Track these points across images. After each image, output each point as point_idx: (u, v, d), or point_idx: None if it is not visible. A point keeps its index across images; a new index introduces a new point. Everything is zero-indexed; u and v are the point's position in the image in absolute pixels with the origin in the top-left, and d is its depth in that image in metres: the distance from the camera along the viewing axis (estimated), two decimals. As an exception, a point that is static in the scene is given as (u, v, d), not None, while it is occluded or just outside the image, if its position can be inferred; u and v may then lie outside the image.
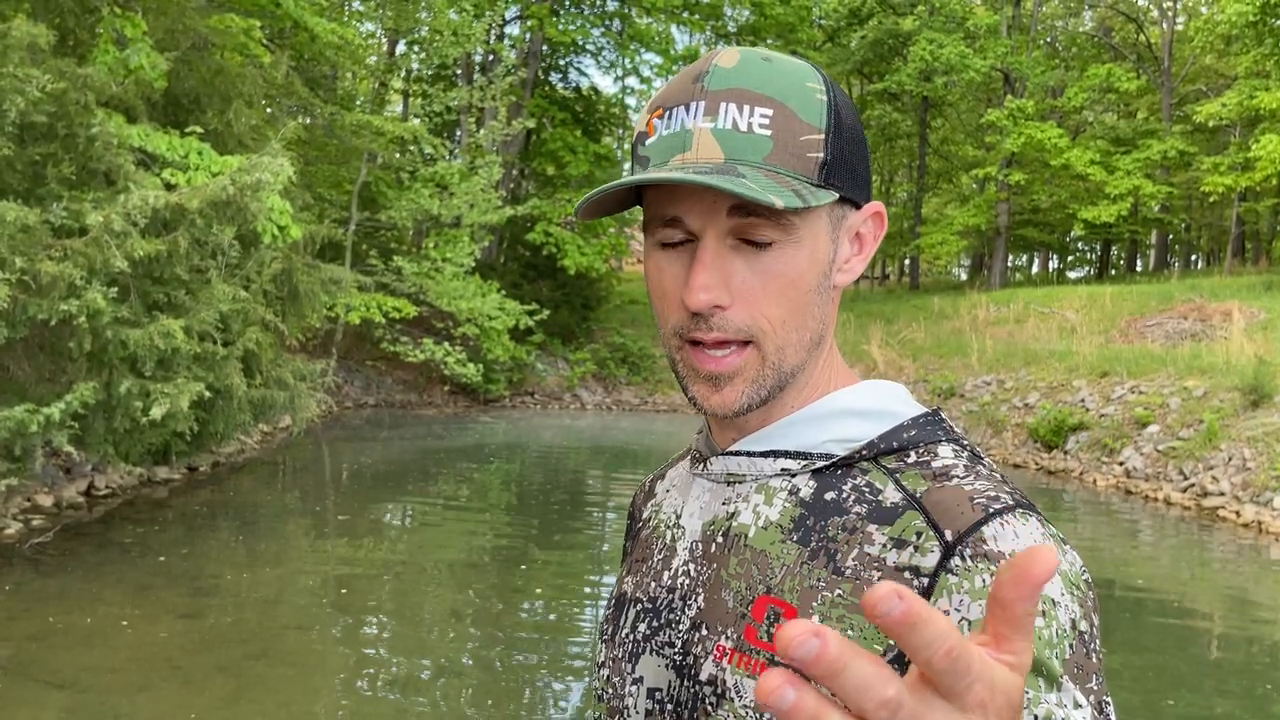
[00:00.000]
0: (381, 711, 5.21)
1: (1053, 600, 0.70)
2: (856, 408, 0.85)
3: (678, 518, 0.93)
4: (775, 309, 0.81)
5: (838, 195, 0.81)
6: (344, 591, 7.38)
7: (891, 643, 0.72)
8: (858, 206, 0.86)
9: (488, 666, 6.03)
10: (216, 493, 10.75)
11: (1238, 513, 10.89)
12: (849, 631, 0.74)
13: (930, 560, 0.73)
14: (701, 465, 0.92)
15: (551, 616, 7.08)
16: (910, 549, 0.75)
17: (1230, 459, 11.72)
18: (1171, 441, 12.83)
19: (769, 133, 0.78)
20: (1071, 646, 0.69)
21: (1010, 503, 0.75)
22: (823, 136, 0.80)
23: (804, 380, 0.87)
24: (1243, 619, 7.87)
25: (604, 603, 7.60)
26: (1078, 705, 0.67)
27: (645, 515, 1.02)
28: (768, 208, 0.77)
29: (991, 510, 0.74)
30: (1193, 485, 11.85)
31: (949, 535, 0.73)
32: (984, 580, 0.70)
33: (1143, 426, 13.58)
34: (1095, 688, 0.69)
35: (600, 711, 0.94)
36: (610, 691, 0.92)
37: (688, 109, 0.80)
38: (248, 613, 6.57)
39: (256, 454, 13.56)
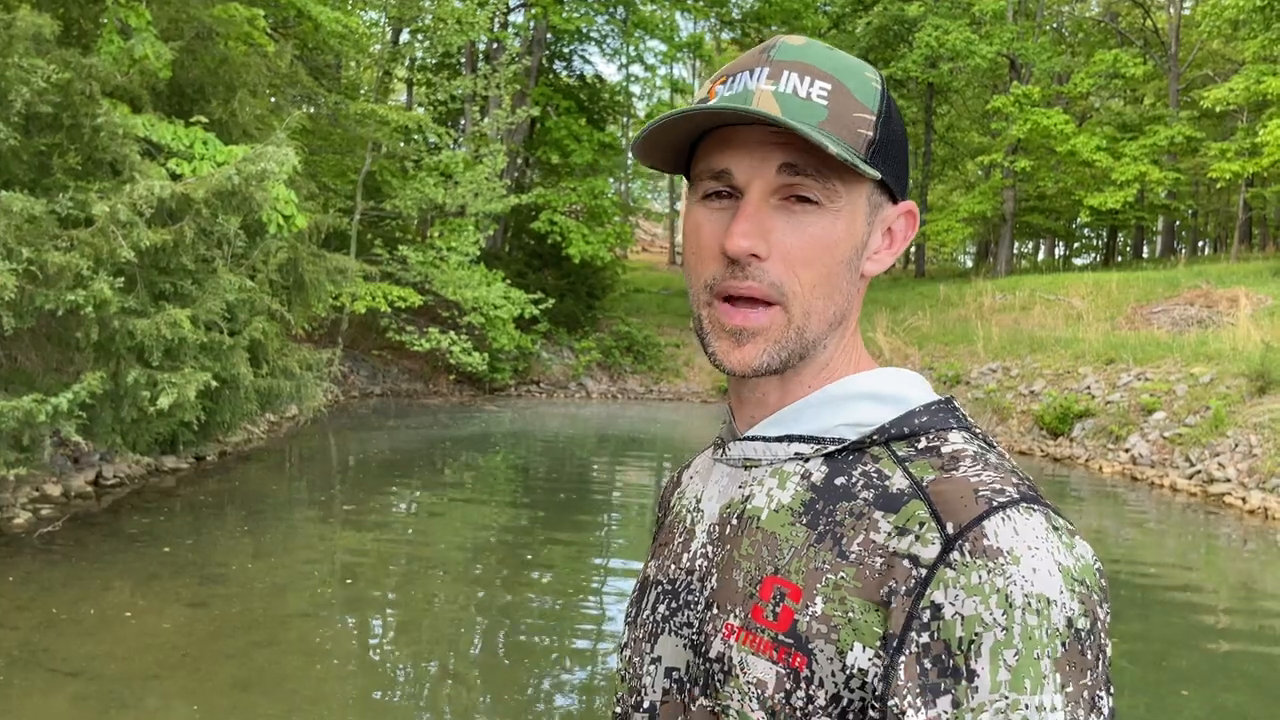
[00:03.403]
0: (389, 698, 5.24)
1: (1048, 599, 0.70)
2: (871, 391, 0.87)
3: (698, 502, 0.96)
4: (808, 271, 0.83)
5: (880, 176, 0.83)
6: (350, 580, 7.41)
7: (892, 630, 0.73)
8: (894, 201, 0.89)
9: (494, 653, 6.06)
10: (224, 482, 10.79)
11: (1244, 499, 10.88)
12: (850, 614, 0.75)
13: (930, 552, 0.74)
14: (721, 451, 0.94)
15: (557, 603, 7.10)
16: (911, 537, 0.75)
17: (1237, 445, 11.70)
18: (1178, 428, 12.81)
19: (825, 103, 0.81)
20: (1065, 645, 0.70)
21: (1015, 496, 0.75)
22: (874, 118, 0.83)
23: (824, 360, 0.88)
24: (1250, 604, 7.87)
25: (610, 590, 7.63)
26: (1053, 708, 0.68)
27: (671, 504, 1.05)
28: (817, 163, 0.80)
29: (995, 504, 0.74)
30: (1199, 472, 11.84)
31: (950, 528, 0.74)
32: (980, 576, 0.71)
33: (1149, 413, 13.56)
34: (1090, 683, 0.70)
35: (622, 690, 0.97)
36: (630, 671, 0.95)
37: (751, 73, 0.83)
38: (255, 601, 6.60)
39: (263, 443, 13.60)
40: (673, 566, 0.94)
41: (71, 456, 9.88)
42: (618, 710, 0.97)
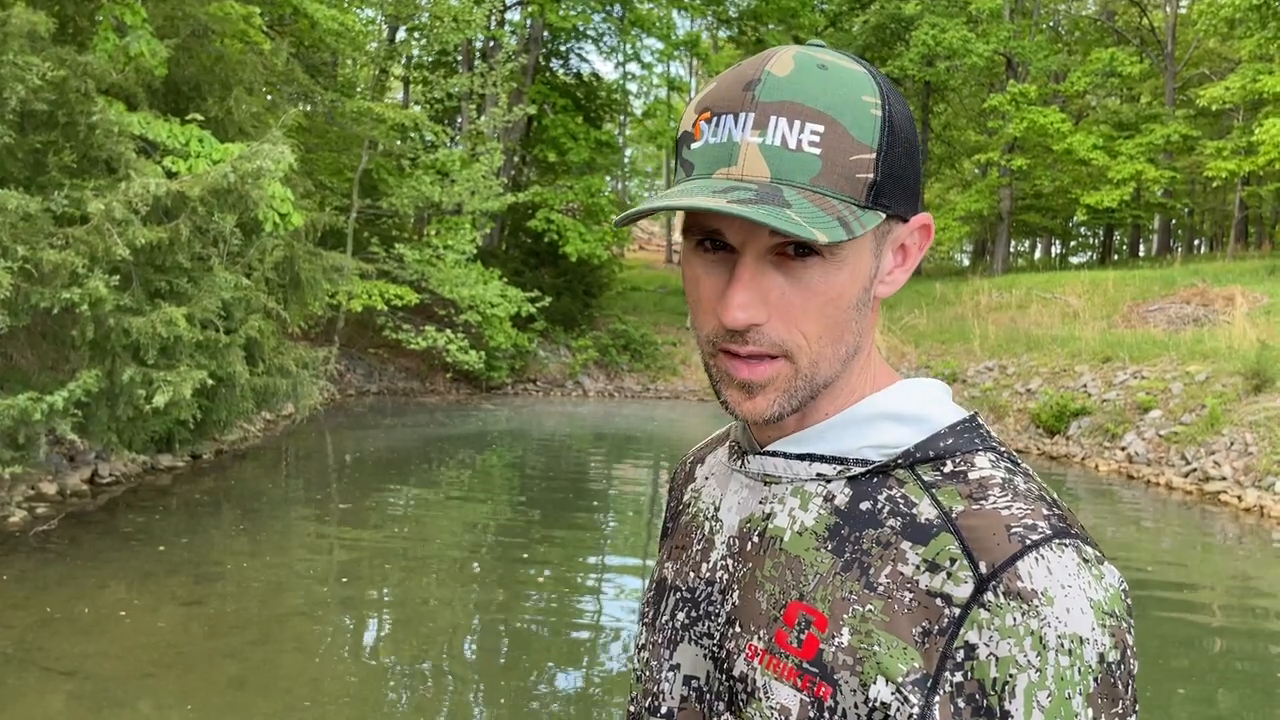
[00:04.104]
0: (385, 697, 5.24)
1: (1080, 638, 0.71)
2: (894, 412, 0.85)
3: (716, 510, 0.94)
4: (812, 325, 0.80)
5: (885, 216, 0.79)
6: (346, 578, 7.40)
7: (915, 665, 0.73)
8: (905, 220, 0.85)
9: (491, 650, 6.05)
10: (220, 480, 10.77)
11: (1239, 497, 10.90)
12: (875, 648, 0.75)
13: (963, 591, 0.73)
14: (740, 461, 0.93)
15: (554, 601, 7.10)
16: (943, 574, 0.75)
17: (1232, 444, 11.72)
18: (1173, 426, 12.83)
19: (818, 151, 0.76)
20: (1097, 680, 0.71)
21: (1047, 531, 0.75)
22: (874, 156, 0.78)
23: (840, 387, 0.87)
24: (1245, 602, 7.89)
25: (606, 588, 7.63)
26: None
27: (685, 500, 1.03)
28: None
29: (1028, 542, 0.74)
30: (1194, 470, 11.86)
31: (983, 568, 0.74)
32: (1014, 619, 0.71)
33: (1145, 412, 13.58)
34: (1120, 711, 0.72)
35: (637, 692, 0.96)
36: (647, 674, 0.95)
37: (736, 119, 0.77)
38: (251, 600, 6.59)
39: (259, 442, 13.58)
40: (691, 574, 0.93)
41: (67, 455, 9.87)
42: (631, 710, 0.97)
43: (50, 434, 8.70)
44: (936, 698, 0.72)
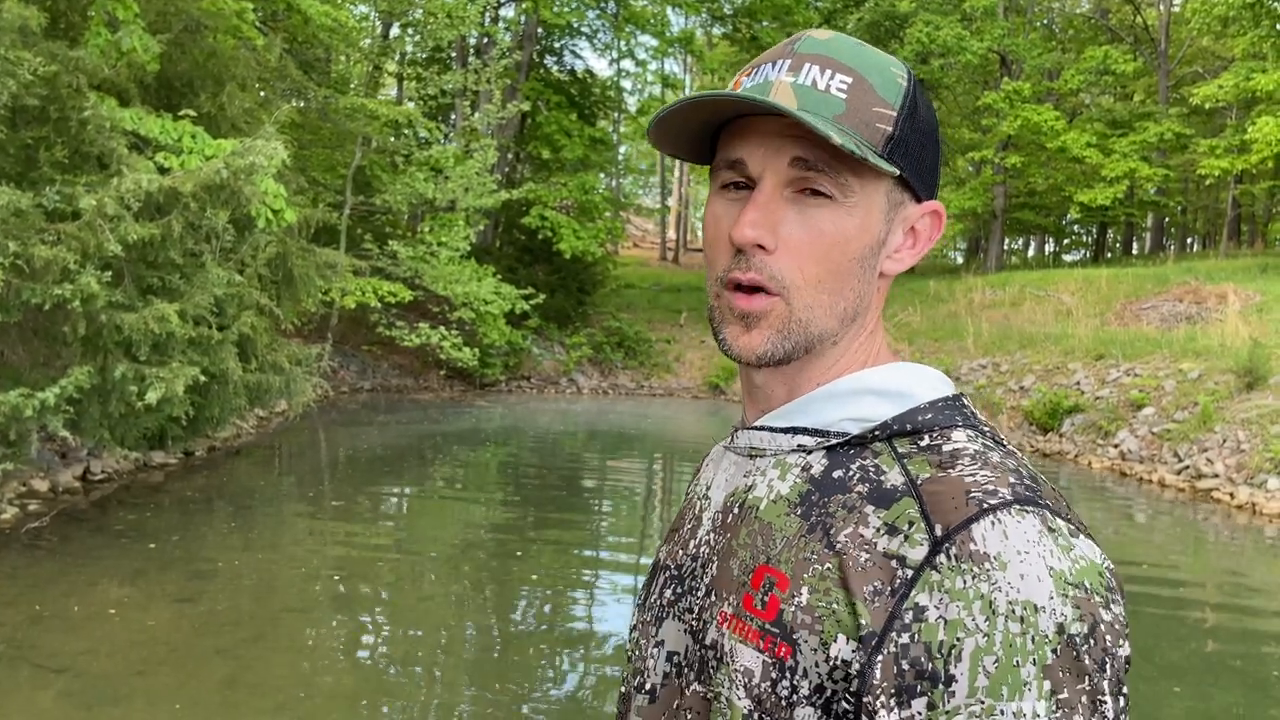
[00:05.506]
0: (378, 694, 5.22)
1: (1035, 606, 0.69)
2: (877, 387, 0.86)
3: (708, 489, 0.97)
4: (814, 265, 0.82)
5: (898, 172, 0.83)
6: (339, 577, 7.39)
7: (863, 622, 0.73)
8: (918, 200, 0.88)
9: (484, 649, 6.04)
10: (212, 477, 10.74)
11: (1232, 494, 10.92)
12: (834, 606, 0.75)
13: (917, 553, 0.73)
14: (731, 439, 0.96)
15: (547, 599, 7.10)
16: (901, 537, 0.75)
17: (1224, 441, 11.74)
18: (1166, 424, 12.86)
19: (844, 97, 0.81)
20: (1055, 651, 0.68)
21: (1008, 497, 0.74)
22: (895, 114, 0.83)
23: (835, 357, 0.88)
24: (1238, 599, 7.90)
25: (600, 585, 7.62)
26: (1035, 715, 0.67)
27: (688, 490, 1.07)
28: (828, 157, 0.80)
29: (985, 506, 0.73)
30: (1187, 467, 11.88)
31: (938, 530, 0.73)
32: (965, 582, 0.70)
33: (1138, 409, 13.60)
34: (1088, 687, 0.68)
35: (627, 672, 0.99)
36: (636, 654, 0.97)
37: (774, 65, 0.84)
38: (243, 597, 6.57)
39: (252, 439, 13.55)
40: (680, 552, 0.96)
41: (59, 452, 9.83)
42: (623, 690, 0.99)
43: (42, 431, 8.67)
44: (879, 657, 0.72)
